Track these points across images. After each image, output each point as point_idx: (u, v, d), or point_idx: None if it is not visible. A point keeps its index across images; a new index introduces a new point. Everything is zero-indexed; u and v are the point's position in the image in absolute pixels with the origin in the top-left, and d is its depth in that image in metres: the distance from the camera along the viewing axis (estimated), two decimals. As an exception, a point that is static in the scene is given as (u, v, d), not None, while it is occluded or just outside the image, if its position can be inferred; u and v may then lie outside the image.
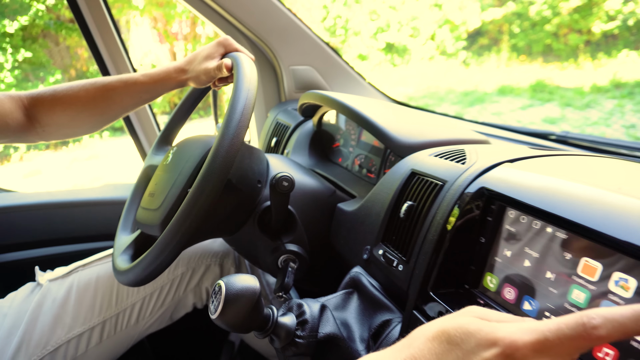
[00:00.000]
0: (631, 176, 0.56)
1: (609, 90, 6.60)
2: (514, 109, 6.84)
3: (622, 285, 0.40)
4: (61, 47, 7.48)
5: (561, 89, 7.11)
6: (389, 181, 0.71)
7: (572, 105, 6.47)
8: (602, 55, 8.06)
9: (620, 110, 5.85)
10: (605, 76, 7.03)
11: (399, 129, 0.81)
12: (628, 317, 0.27)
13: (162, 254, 0.66)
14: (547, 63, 8.70)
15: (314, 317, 0.60)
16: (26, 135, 0.85)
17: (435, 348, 0.31)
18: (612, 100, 6.22)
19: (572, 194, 0.46)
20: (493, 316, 0.33)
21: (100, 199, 1.24)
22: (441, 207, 0.57)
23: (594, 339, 0.27)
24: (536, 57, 8.98)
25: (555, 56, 8.80)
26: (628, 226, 0.39)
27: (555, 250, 0.45)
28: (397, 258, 0.62)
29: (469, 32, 9.60)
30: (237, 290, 0.51)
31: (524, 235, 0.49)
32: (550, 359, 0.28)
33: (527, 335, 0.29)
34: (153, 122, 1.44)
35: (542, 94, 7.09)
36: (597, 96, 6.54)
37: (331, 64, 1.39)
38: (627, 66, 7.32)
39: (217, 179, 0.63)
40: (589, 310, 0.28)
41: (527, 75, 7.91)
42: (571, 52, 8.55)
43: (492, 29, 9.49)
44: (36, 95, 0.84)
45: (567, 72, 7.99)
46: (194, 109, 0.99)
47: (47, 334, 0.85)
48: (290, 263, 0.80)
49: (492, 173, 0.55)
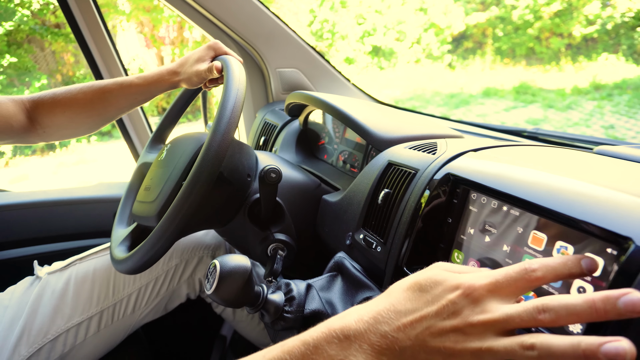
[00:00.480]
0: (574, 162, 0.63)
1: (589, 92, 6.79)
2: (498, 110, 6.98)
3: (563, 252, 0.46)
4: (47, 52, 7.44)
5: (544, 91, 7.29)
6: (368, 173, 0.77)
7: (554, 107, 6.63)
8: (583, 58, 8.28)
9: (600, 112, 6.02)
10: (585, 78, 7.23)
11: (379, 125, 0.87)
12: (558, 262, 0.36)
13: (159, 241, 0.71)
14: (530, 66, 8.91)
15: (300, 294, 0.66)
16: (28, 137, 0.90)
17: (410, 296, 0.38)
18: (592, 101, 6.40)
19: (523, 177, 0.52)
20: (456, 268, 0.40)
21: (95, 197, 1.28)
22: (413, 192, 0.63)
23: (533, 279, 0.36)
24: (519, 60, 9.18)
25: (538, 59, 9.01)
26: (566, 201, 0.46)
27: (510, 226, 0.52)
28: (376, 240, 0.68)
29: (453, 36, 9.77)
30: (231, 268, 0.57)
31: (485, 215, 0.55)
32: (500, 297, 0.36)
33: (483, 279, 0.36)
34: (145, 124, 1.49)
35: (525, 96, 7.25)
36: (578, 98, 6.72)
37: (316, 66, 1.45)
38: (606, 69, 7.54)
39: (209, 171, 0.68)
40: (529, 260, 0.36)
41: (511, 78, 8.08)
42: (553, 55, 8.76)
43: (476, 32, 9.68)
44: (37, 99, 0.89)
45: (550, 74, 8.18)
46: (186, 109, 1.05)
47: (48, 324, 0.89)
48: (279, 251, 0.86)
49: (458, 161, 0.61)
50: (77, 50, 7.37)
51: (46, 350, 0.87)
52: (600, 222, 0.41)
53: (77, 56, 7.46)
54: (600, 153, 0.70)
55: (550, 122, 6.17)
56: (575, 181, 0.49)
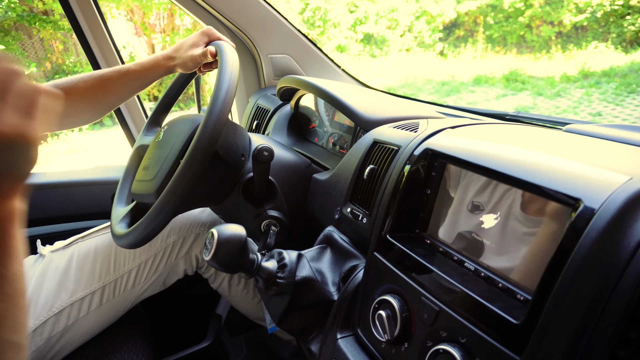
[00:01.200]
0: (542, 138, 0.68)
1: (577, 80, 6.87)
2: (489, 98, 7.04)
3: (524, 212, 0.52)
4: (35, 40, 7.35)
5: (534, 79, 7.36)
6: (355, 151, 0.82)
7: (543, 95, 6.70)
8: (573, 46, 8.35)
9: (588, 99, 6.10)
10: (574, 66, 7.30)
11: (366, 107, 0.92)
12: None
13: (158, 216, 0.76)
14: (520, 54, 8.97)
15: (292, 262, 0.71)
16: None
17: None
18: (580, 89, 6.48)
19: (492, 150, 0.58)
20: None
21: (93, 180, 1.32)
22: (396, 167, 0.68)
23: None
24: (510, 48, 9.24)
25: (528, 47, 9.07)
26: (528, 169, 0.51)
27: (481, 194, 0.57)
28: (362, 213, 0.74)
29: (445, 24, 9.79)
30: (227, 235, 0.62)
31: (459, 184, 0.61)
32: None
33: None
34: (141, 110, 1.52)
35: (515, 84, 7.31)
36: (567, 85, 6.79)
37: (307, 52, 1.49)
38: (595, 57, 7.62)
39: (205, 150, 0.72)
40: None
41: (501, 66, 8.14)
42: (544, 44, 8.83)
43: (467, 20, 9.70)
44: None
45: (540, 62, 8.24)
46: (181, 94, 1.09)
47: (52, 298, 0.94)
48: (272, 227, 0.91)
49: (436, 137, 0.66)
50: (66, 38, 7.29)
51: (51, 322, 0.92)
52: (556, 186, 0.47)
53: (66, 44, 7.37)
54: (569, 131, 0.76)
55: (539, 109, 6.25)
56: (538, 153, 0.55)
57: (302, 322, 0.75)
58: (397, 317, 0.59)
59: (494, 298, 0.51)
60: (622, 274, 0.41)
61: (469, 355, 0.50)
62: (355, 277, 0.71)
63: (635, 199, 0.41)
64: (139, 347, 0.99)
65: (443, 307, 0.54)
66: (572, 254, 0.42)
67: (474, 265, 0.56)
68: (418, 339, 0.57)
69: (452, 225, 0.61)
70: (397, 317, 0.59)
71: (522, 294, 0.49)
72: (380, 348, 0.63)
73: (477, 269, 0.55)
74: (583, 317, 0.42)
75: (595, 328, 0.42)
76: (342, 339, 0.70)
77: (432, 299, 0.56)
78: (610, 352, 0.40)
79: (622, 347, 0.40)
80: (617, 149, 0.61)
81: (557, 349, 0.42)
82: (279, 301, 0.72)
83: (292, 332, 0.77)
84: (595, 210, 0.42)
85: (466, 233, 0.59)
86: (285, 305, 0.72)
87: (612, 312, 0.41)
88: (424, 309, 0.56)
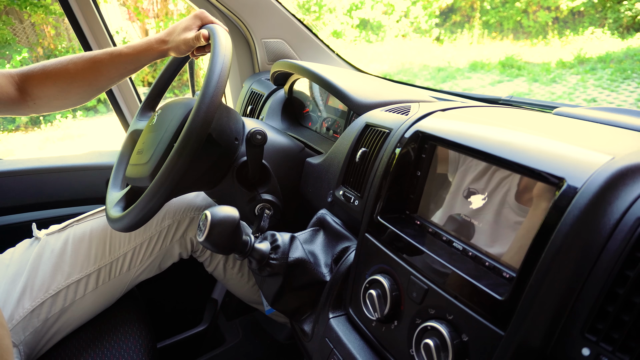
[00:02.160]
0: (531, 121, 0.69)
1: (573, 66, 6.86)
2: (485, 84, 7.03)
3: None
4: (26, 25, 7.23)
5: (530, 65, 7.34)
6: (348, 134, 0.83)
7: (539, 81, 6.69)
8: (569, 32, 8.31)
9: (583, 85, 6.11)
10: (571, 52, 7.28)
11: (359, 91, 0.92)
12: None
13: (153, 198, 0.76)
14: (517, 40, 8.92)
15: (285, 244, 0.72)
16: (18, 109, 0.93)
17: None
18: (576, 75, 6.48)
19: (481, 132, 0.58)
20: None
21: (87, 165, 1.32)
22: (387, 150, 0.69)
23: None
24: (507, 33, 9.18)
25: (525, 33, 9.02)
26: (514, 150, 0.52)
27: (469, 174, 0.58)
28: (354, 195, 0.75)
29: (441, 9, 9.70)
30: (221, 217, 0.63)
31: (449, 167, 0.62)
32: None
33: None
34: (135, 95, 1.52)
35: (511, 70, 7.29)
36: (563, 72, 6.79)
37: (302, 37, 1.48)
38: (591, 43, 7.59)
39: (199, 132, 0.73)
40: None
41: (498, 52, 8.10)
42: (540, 29, 8.78)
43: (464, 5, 9.62)
44: (26, 72, 0.92)
45: (536, 48, 8.21)
46: (174, 78, 1.08)
47: (49, 280, 0.95)
48: (266, 210, 0.92)
49: (426, 120, 0.67)
50: (57, 23, 7.17)
51: (48, 304, 0.93)
52: (541, 166, 0.48)
53: (57, 28, 7.26)
54: (558, 114, 0.77)
55: (535, 95, 6.25)
56: (525, 134, 0.56)
57: (295, 303, 0.77)
58: (387, 296, 0.60)
59: (481, 276, 0.52)
60: (602, 250, 0.42)
61: (456, 331, 0.51)
62: (347, 259, 0.72)
63: (616, 177, 0.43)
64: (135, 329, 1.01)
65: (432, 285, 0.56)
66: (555, 231, 0.43)
67: (462, 245, 0.57)
68: (407, 316, 0.58)
69: (441, 206, 0.62)
70: (387, 296, 0.60)
71: (507, 272, 0.51)
72: (370, 326, 0.65)
73: (465, 248, 0.56)
74: (564, 292, 0.43)
75: (576, 303, 0.43)
76: (334, 318, 0.71)
77: (421, 278, 0.57)
78: (590, 326, 0.42)
79: (601, 320, 0.42)
80: (603, 131, 0.62)
81: (540, 324, 0.44)
82: (272, 282, 0.73)
83: (286, 313, 0.79)
84: (578, 189, 0.44)
85: (455, 215, 0.60)
86: (278, 286, 0.73)
87: (591, 287, 0.42)
88: (413, 287, 0.58)
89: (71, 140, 5.84)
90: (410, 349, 0.56)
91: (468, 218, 0.57)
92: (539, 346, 0.44)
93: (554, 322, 0.44)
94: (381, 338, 0.63)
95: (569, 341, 0.43)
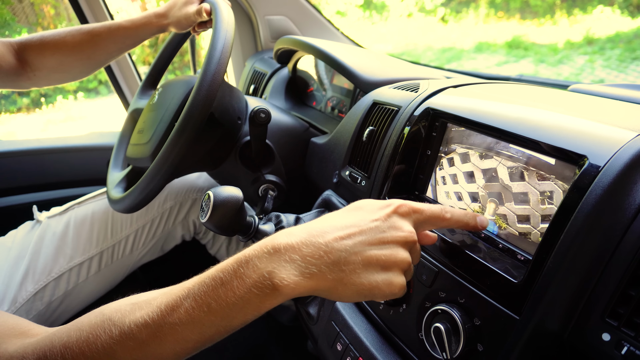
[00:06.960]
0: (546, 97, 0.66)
1: (581, 46, 6.73)
2: (490, 65, 6.92)
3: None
4: (25, 4, 7.13)
5: (536, 46, 7.21)
6: (354, 113, 0.80)
7: (545, 62, 6.58)
8: (578, 11, 8.13)
9: (591, 66, 6.00)
10: (579, 32, 7.14)
11: (366, 68, 0.89)
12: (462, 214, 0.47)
13: (154, 179, 0.74)
14: (524, 19, 8.74)
15: (290, 225, 0.70)
16: (18, 80, 0.91)
17: (346, 214, 0.44)
18: (583, 56, 6.36)
19: (495, 109, 0.56)
20: None
21: (88, 145, 1.30)
22: (396, 128, 0.66)
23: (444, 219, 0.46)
24: (514, 13, 8.99)
25: (532, 12, 8.83)
26: (531, 127, 0.49)
27: (481, 151, 0.56)
28: (361, 175, 0.72)
29: (447, -12, 9.49)
30: (224, 197, 0.60)
31: (461, 145, 0.59)
32: (416, 219, 0.44)
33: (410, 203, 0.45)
34: (135, 74, 1.48)
35: (517, 51, 7.17)
36: (570, 52, 6.66)
37: (305, 14, 1.44)
38: (600, 22, 7.43)
39: (200, 111, 0.70)
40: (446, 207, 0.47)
41: (504, 32, 7.96)
42: (548, 8, 8.58)
43: (470, -16, 9.41)
44: (25, 41, 0.89)
45: (544, 28, 8.05)
46: (175, 55, 1.05)
47: (51, 263, 0.93)
48: (270, 191, 0.90)
49: (437, 97, 0.64)
50: (57, 2, 7.07)
51: (51, 287, 0.92)
52: (561, 143, 0.45)
53: (57, 8, 7.16)
54: (574, 90, 0.74)
55: (541, 76, 6.15)
56: (542, 111, 0.53)
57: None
58: (396, 279, 0.58)
59: (494, 258, 0.50)
60: (626, 232, 0.40)
61: (468, 315, 0.49)
62: (353, 240, 0.70)
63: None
64: (139, 311, 1.00)
65: (442, 267, 0.54)
66: (576, 212, 0.41)
67: (474, 226, 0.55)
68: (417, 300, 0.57)
69: (452, 187, 0.60)
70: (395, 279, 0.58)
71: (522, 254, 0.49)
72: (378, 310, 0.63)
73: (477, 230, 0.54)
74: (584, 275, 0.41)
75: (596, 286, 0.41)
76: (340, 301, 0.70)
77: (431, 260, 0.55)
78: (611, 310, 0.40)
79: (623, 304, 0.40)
80: (623, 108, 0.59)
81: (557, 308, 0.42)
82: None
83: (291, 295, 0.77)
84: (601, 168, 0.41)
85: (467, 195, 0.58)
86: (283, 268, 0.71)
87: (614, 270, 0.40)
88: (423, 270, 0.56)
89: (73, 122, 5.82)
90: (419, 332, 0.55)
91: (480, 199, 0.55)
92: (556, 331, 0.43)
93: (573, 306, 0.42)
94: (389, 322, 0.61)
95: (588, 326, 0.41)
